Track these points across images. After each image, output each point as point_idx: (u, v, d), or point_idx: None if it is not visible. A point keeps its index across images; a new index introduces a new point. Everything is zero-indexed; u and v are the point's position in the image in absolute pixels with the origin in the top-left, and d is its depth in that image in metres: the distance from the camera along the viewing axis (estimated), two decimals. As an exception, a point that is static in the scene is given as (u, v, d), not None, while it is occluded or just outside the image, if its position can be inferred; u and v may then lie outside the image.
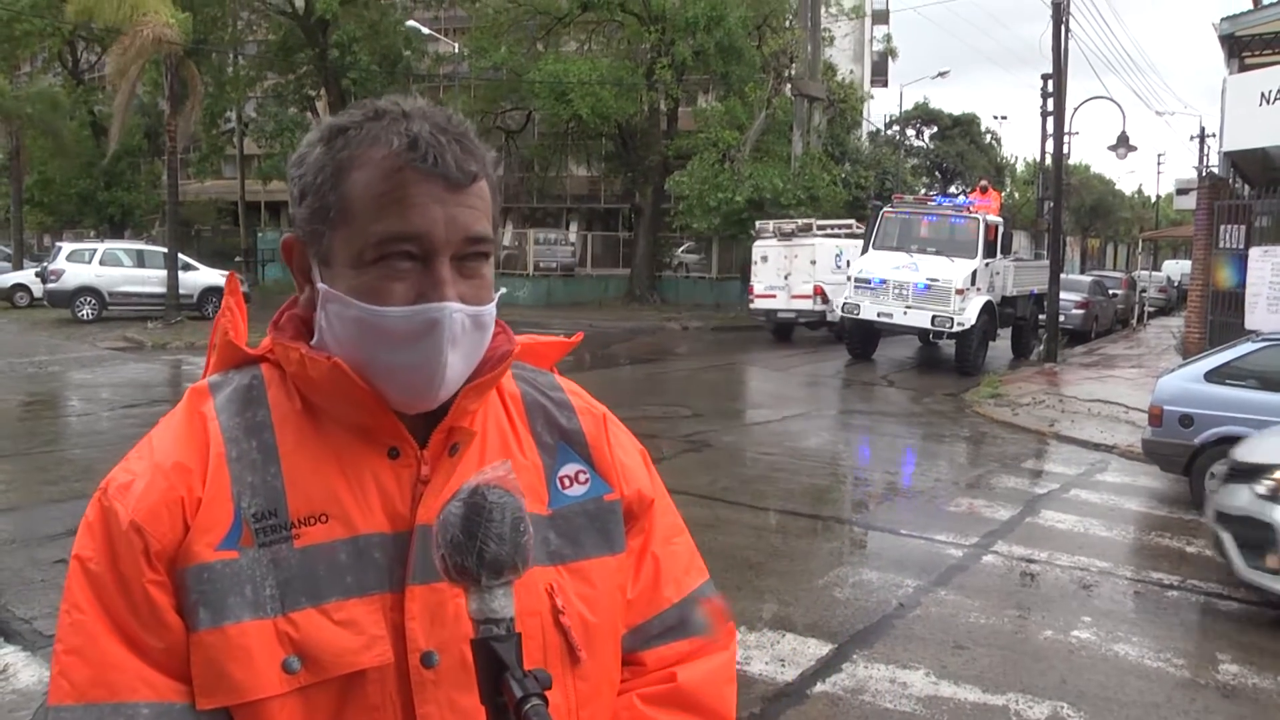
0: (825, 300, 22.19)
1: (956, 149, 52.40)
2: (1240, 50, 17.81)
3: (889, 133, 49.88)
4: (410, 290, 1.05)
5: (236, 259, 39.61)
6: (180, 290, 23.68)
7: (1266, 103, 14.69)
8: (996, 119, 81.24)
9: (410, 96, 1.13)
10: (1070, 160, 40.24)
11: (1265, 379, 8.74)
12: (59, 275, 24.49)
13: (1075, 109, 28.75)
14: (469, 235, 1.07)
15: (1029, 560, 7.21)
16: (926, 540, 7.66)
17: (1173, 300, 39.47)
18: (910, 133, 53.33)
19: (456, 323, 1.06)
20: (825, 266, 22.69)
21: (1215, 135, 25.96)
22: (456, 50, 33.64)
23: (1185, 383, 9.07)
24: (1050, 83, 26.02)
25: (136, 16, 21.35)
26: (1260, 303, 14.04)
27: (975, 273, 18.41)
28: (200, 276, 25.89)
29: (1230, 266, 15.39)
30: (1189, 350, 15.57)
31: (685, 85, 33.01)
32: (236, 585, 1.03)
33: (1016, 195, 57.84)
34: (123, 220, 36.55)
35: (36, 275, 27.15)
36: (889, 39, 50.61)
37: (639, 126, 33.81)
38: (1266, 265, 14.16)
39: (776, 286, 23.17)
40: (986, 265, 18.89)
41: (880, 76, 52.68)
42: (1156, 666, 5.39)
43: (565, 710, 1.14)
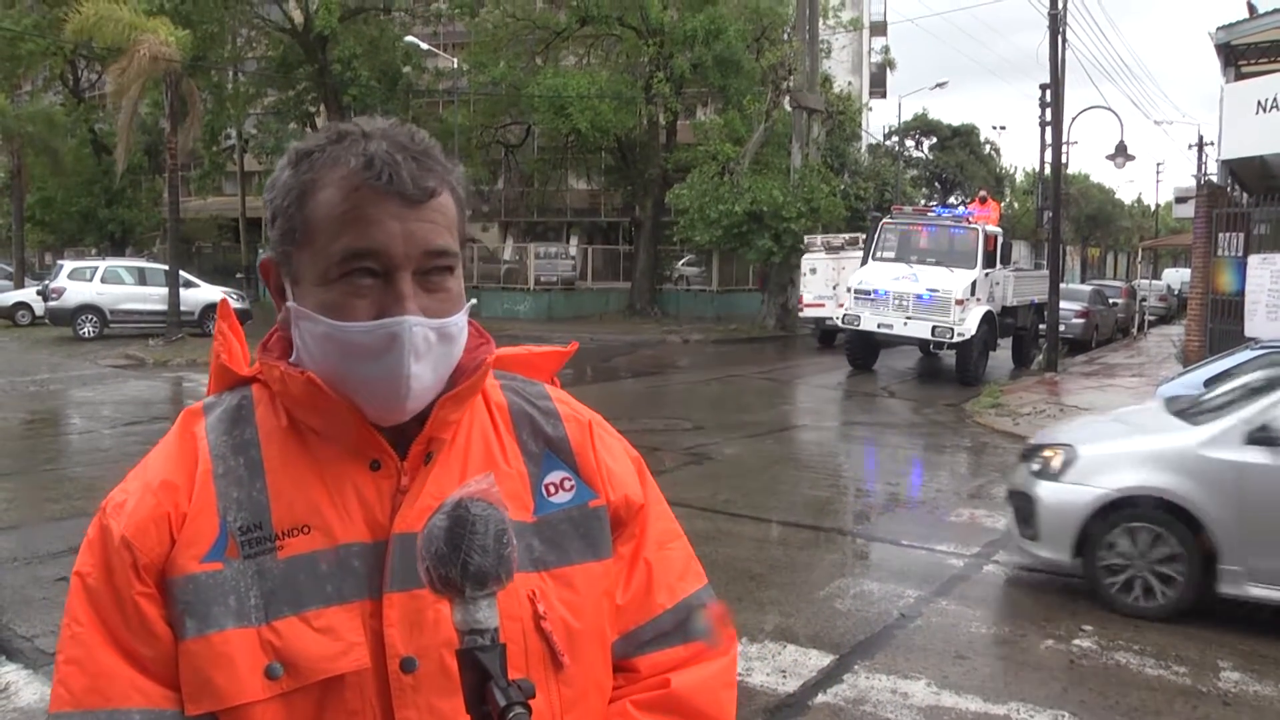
0: None
1: (955, 159, 52.53)
2: (1236, 59, 17.87)
3: (888, 144, 49.97)
4: (372, 306, 1.08)
5: (238, 275, 39.64)
6: (181, 307, 23.67)
7: (1263, 111, 14.73)
8: (995, 129, 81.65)
9: (373, 117, 1.16)
10: (1069, 170, 40.34)
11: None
12: (60, 293, 24.52)
13: (1073, 118, 28.87)
14: (428, 249, 1.09)
15: (1030, 569, 7.20)
16: (928, 550, 7.66)
17: (1173, 309, 39.44)
18: (909, 144, 53.47)
19: (418, 336, 1.08)
20: None
21: (1213, 144, 26.01)
22: (456, 65, 33.74)
23: (1185, 391, 9.07)
24: (1048, 92, 26.08)
25: (134, 35, 21.42)
26: (1259, 310, 14.06)
27: (975, 283, 18.42)
28: (201, 294, 25.92)
29: (1231, 270, 15.41)
30: (1189, 358, 15.59)
31: (684, 98, 33.13)
32: (221, 595, 1.07)
33: (1016, 205, 57.90)
34: (124, 238, 36.59)
35: (38, 293, 27.17)
36: (887, 50, 50.78)
37: (638, 140, 33.89)
38: (1265, 273, 14.19)
39: (825, 296, 23.78)
40: (986, 275, 18.90)
41: (879, 88, 52.77)
42: (1157, 675, 5.38)
43: (549, 716, 1.15)
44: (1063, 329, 22.06)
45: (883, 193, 35.96)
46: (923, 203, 32.85)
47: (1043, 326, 21.66)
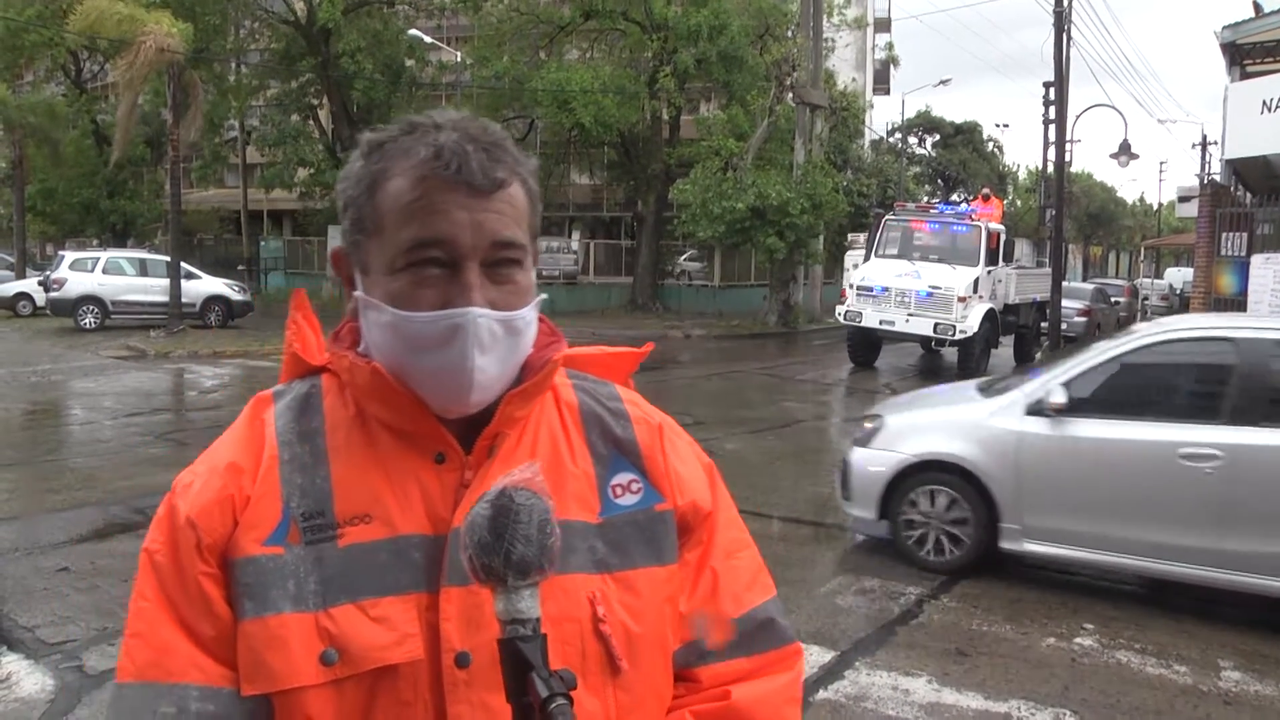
0: None
1: (959, 157, 52.49)
2: (1242, 58, 17.85)
3: (891, 140, 49.94)
4: (438, 296, 1.08)
5: (239, 268, 39.62)
6: (183, 299, 23.69)
7: (1268, 110, 14.71)
8: (998, 127, 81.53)
9: (446, 109, 1.17)
10: (1072, 168, 40.28)
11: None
12: (61, 284, 24.54)
13: (1077, 117, 28.84)
14: (496, 240, 1.09)
15: (1033, 566, 7.20)
16: (929, 548, 7.65)
17: (1175, 308, 39.42)
18: (912, 141, 53.41)
19: (482, 328, 1.08)
20: None
21: (1217, 143, 25.99)
22: (459, 59, 33.70)
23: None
24: (1052, 90, 26.04)
25: (138, 29, 21.40)
26: (1262, 310, 14.05)
27: (977, 280, 18.41)
28: (203, 285, 25.93)
29: (1232, 273, 15.40)
30: (1191, 357, 15.52)
31: (687, 93, 33.07)
32: (280, 579, 1.09)
33: (1019, 203, 57.86)
34: (125, 229, 36.60)
35: (39, 284, 27.21)
36: (891, 47, 50.67)
37: (641, 135, 33.85)
38: (1268, 272, 14.18)
39: None
40: (989, 273, 18.89)
41: (882, 84, 52.74)
42: (1159, 674, 5.38)
43: None
44: (1065, 327, 22.04)
45: (886, 189, 35.96)
46: (925, 200, 32.84)
47: (1045, 324, 21.66)
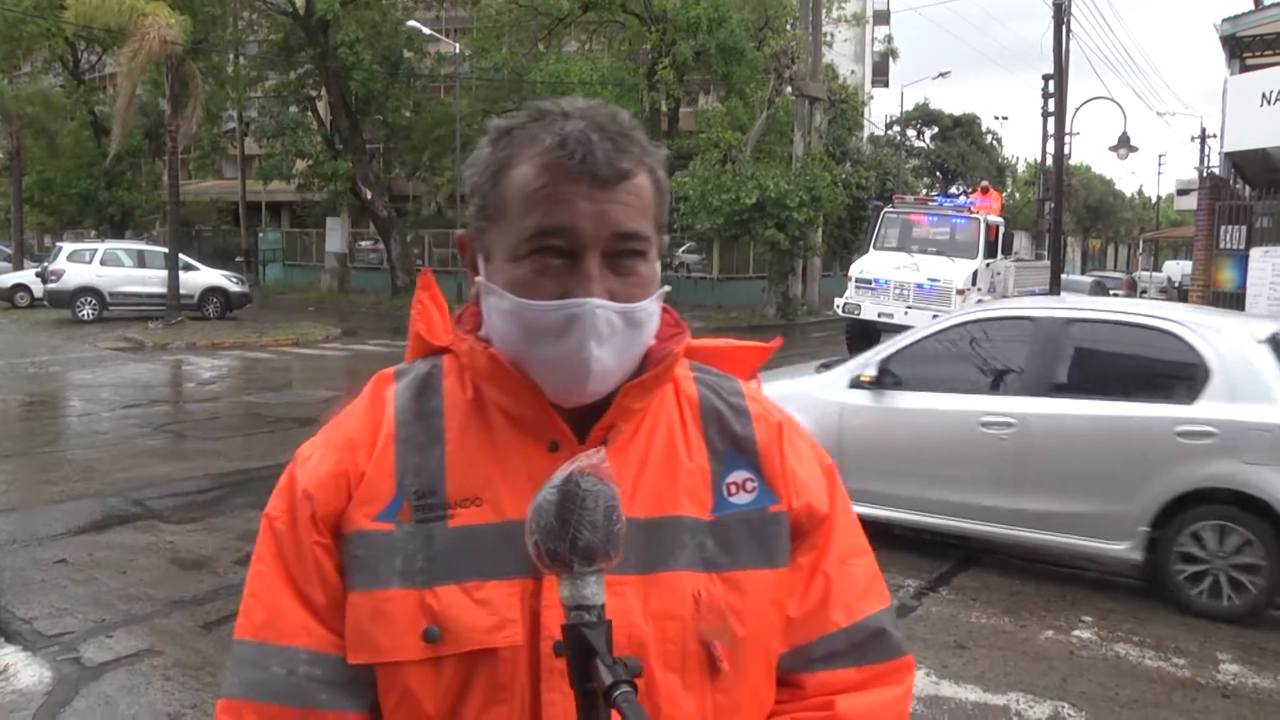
0: None
1: (957, 149, 52.45)
2: (1241, 51, 17.82)
3: (890, 133, 49.89)
4: (558, 285, 1.08)
5: (237, 259, 39.64)
6: (181, 290, 23.65)
7: (1267, 103, 14.68)
8: (997, 119, 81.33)
9: (578, 97, 1.16)
10: (1071, 161, 40.24)
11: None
12: (59, 275, 24.52)
13: (1076, 109, 28.81)
14: (618, 230, 1.08)
15: (1030, 560, 7.20)
16: (928, 539, 7.66)
17: (1173, 301, 39.47)
18: (911, 133, 53.37)
19: (600, 319, 1.07)
20: None
21: (1216, 136, 25.97)
22: (458, 51, 33.63)
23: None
24: (1051, 83, 26.02)
25: (136, 19, 21.35)
26: (1261, 303, 14.04)
27: (976, 273, 18.40)
28: (201, 277, 25.91)
29: (1232, 267, 15.38)
30: (1190, 351, 15.52)
31: (686, 86, 33.02)
32: (389, 555, 1.11)
33: (1017, 196, 57.86)
34: (123, 220, 36.58)
35: (37, 275, 27.17)
36: (890, 39, 50.60)
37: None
38: (1267, 266, 14.16)
39: None
40: (987, 266, 18.88)
41: (881, 77, 52.70)
42: (1157, 666, 5.38)
43: None
44: (1063, 320, 22.01)
45: (884, 182, 35.91)
46: (924, 192, 32.83)
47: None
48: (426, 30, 32.94)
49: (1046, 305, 7.71)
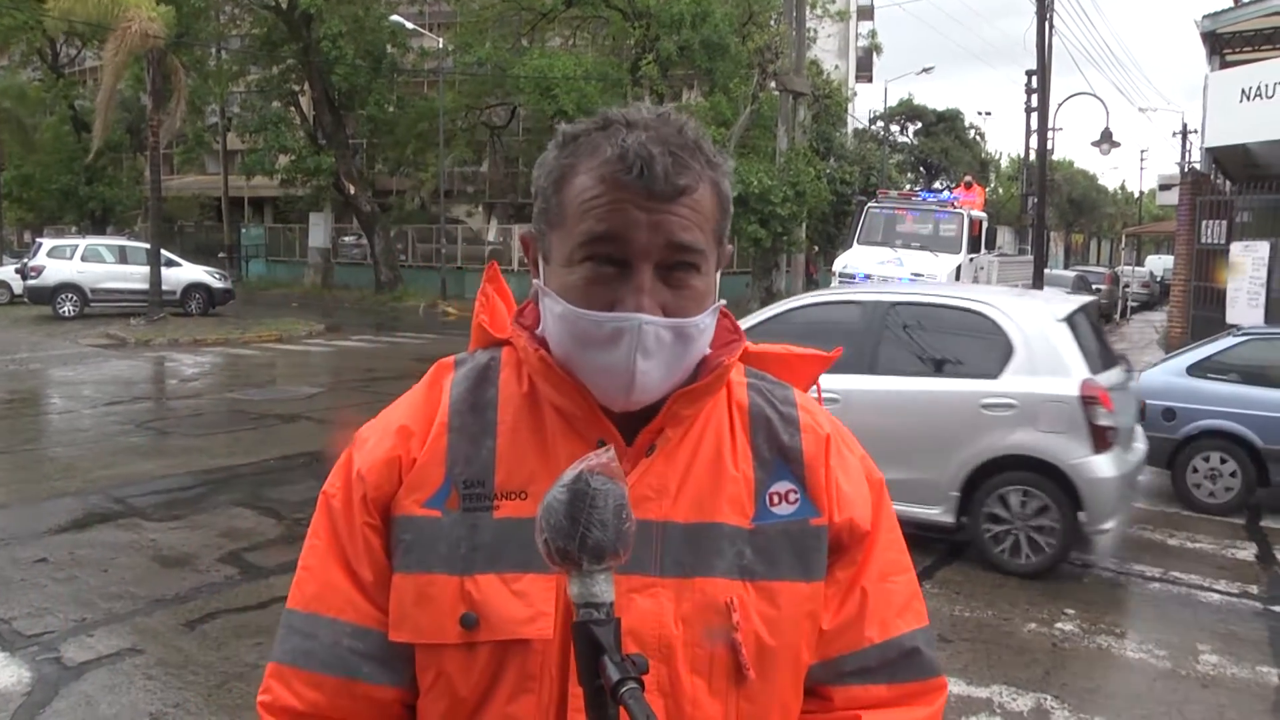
0: None
1: (941, 145, 52.50)
2: (1221, 47, 17.93)
3: (874, 128, 49.95)
4: (609, 294, 1.09)
5: (220, 255, 39.44)
6: (163, 286, 23.49)
7: (1247, 99, 14.79)
8: (981, 115, 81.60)
9: (645, 105, 1.17)
10: (1054, 156, 40.38)
11: (1246, 373, 8.81)
12: (39, 272, 24.33)
13: (1059, 105, 28.90)
14: (672, 242, 1.09)
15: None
16: (912, 533, 7.67)
17: (1155, 295, 39.63)
18: (895, 128, 53.41)
19: (648, 335, 1.08)
20: None
21: (1197, 131, 26.09)
22: (441, 45, 33.50)
23: (1168, 377, 9.12)
24: (1034, 78, 26.10)
25: (117, 12, 21.18)
26: (1241, 297, 14.15)
27: (960, 268, 18.46)
28: (183, 273, 25.76)
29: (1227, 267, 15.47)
30: (1172, 345, 15.67)
31: (670, 81, 32.95)
32: (434, 541, 1.14)
33: (1001, 191, 58.04)
34: (104, 216, 36.33)
35: (16, 272, 26.98)
36: (874, 35, 50.59)
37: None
38: (1247, 260, 14.26)
39: None
40: (971, 260, 18.95)
41: (865, 72, 52.73)
42: (1138, 658, 5.42)
43: None
44: (1046, 315, 22.10)
45: (868, 177, 35.95)
46: (908, 187, 32.87)
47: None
48: (410, 25, 32.80)
49: (873, 290, 8.20)
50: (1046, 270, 22.40)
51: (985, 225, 19.70)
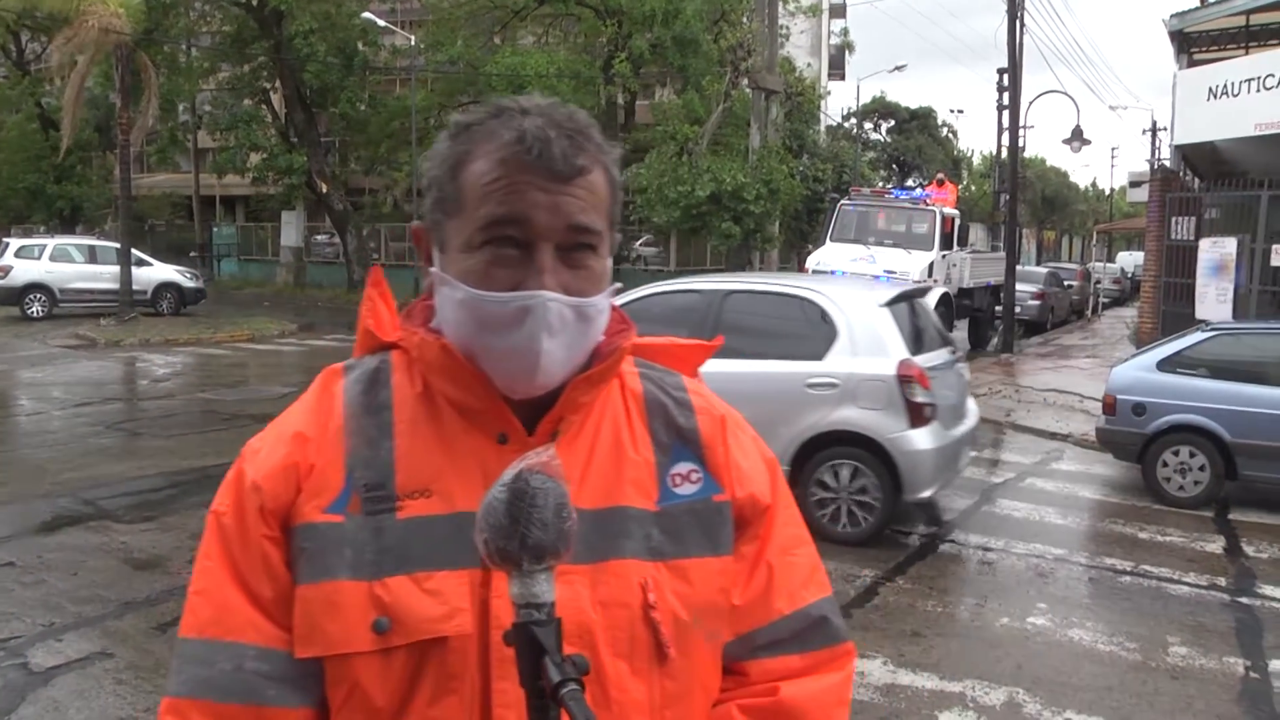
0: None
1: (914, 142, 52.76)
2: (1189, 46, 18.12)
3: (847, 126, 50.11)
4: (511, 276, 1.10)
5: (191, 254, 39.06)
6: (134, 286, 23.18)
7: (1214, 98, 14.95)
8: (953, 113, 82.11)
9: (537, 95, 1.18)
10: (1026, 153, 40.66)
11: (1215, 367, 8.90)
12: (6, 272, 23.98)
13: (1030, 102, 29.03)
14: (572, 224, 1.10)
15: (985, 549, 7.29)
16: (885, 533, 7.72)
17: (1126, 291, 40.01)
18: (868, 126, 53.62)
19: (553, 312, 1.09)
20: None
21: (1167, 129, 26.33)
22: (413, 43, 33.34)
23: (1138, 372, 9.21)
24: (1005, 77, 26.24)
25: (82, 5, 20.90)
26: (1210, 293, 14.29)
27: (932, 264, 18.54)
28: (154, 272, 25.51)
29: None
30: (1142, 340, 15.83)
31: (643, 79, 32.93)
32: (338, 547, 1.11)
33: (973, 188, 58.32)
34: (73, 215, 35.93)
35: (-17, 272, 26.61)
36: (846, 33, 50.71)
37: (597, 120, 33.30)
38: (1215, 256, 14.41)
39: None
40: (943, 257, 19.03)
41: (838, 70, 52.82)
42: (1109, 651, 5.47)
43: (649, 707, 1.15)
44: (1019, 311, 22.29)
45: (841, 175, 36.03)
46: (881, 185, 33.01)
47: (999, 308, 21.87)
48: (381, 22, 32.60)
49: (711, 280, 8.74)
50: (1019, 267, 22.52)
51: (958, 222, 19.81)
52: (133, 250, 23.81)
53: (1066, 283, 31.36)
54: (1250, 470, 8.51)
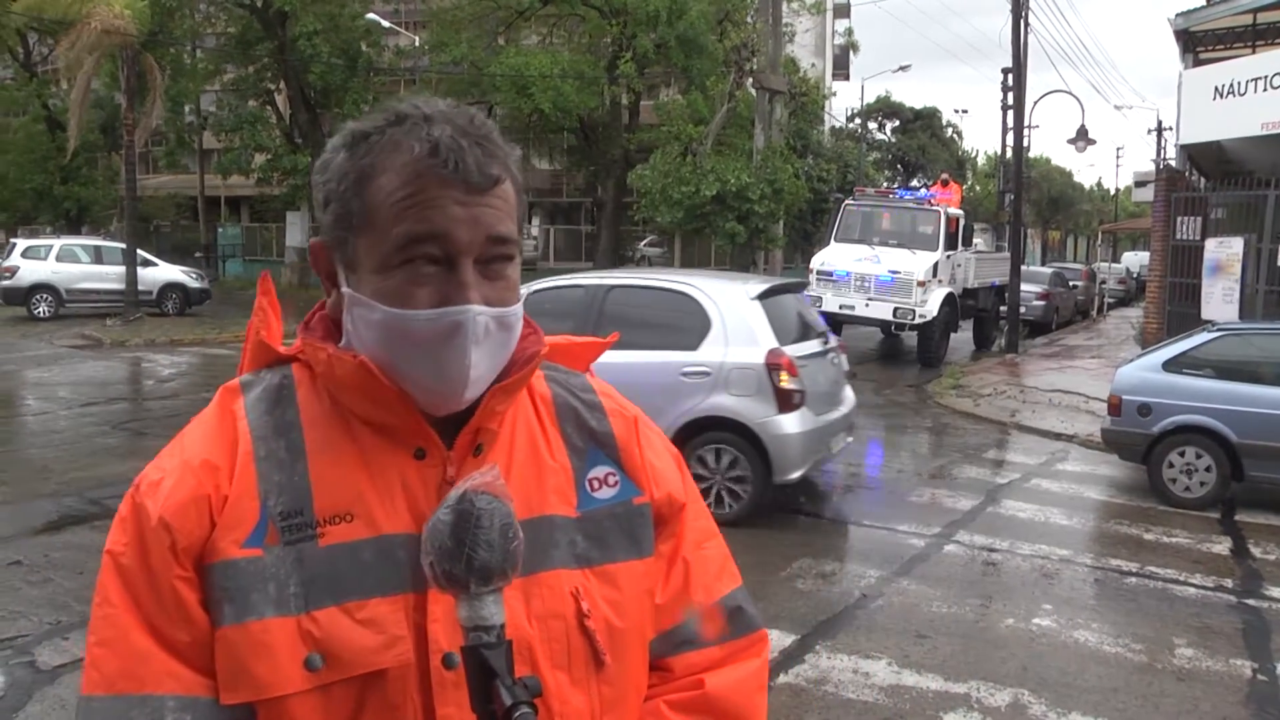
0: None
1: (918, 142, 52.72)
2: (1195, 45, 18.08)
3: (851, 126, 50.08)
4: (434, 293, 1.06)
5: (196, 254, 39.12)
6: (139, 286, 23.26)
7: (1220, 97, 14.90)
8: (957, 112, 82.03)
9: (431, 97, 1.13)
10: (1030, 153, 40.61)
11: (1221, 368, 8.88)
12: (13, 272, 24.05)
13: (1035, 102, 29.00)
14: (491, 235, 1.07)
15: (990, 549, 7.28)
16: (889, 530, 7.72)
17: (1131, 291, 39.91)
18: (872, 126, 53.58)
19: (480, 325, 1.06)
20: None
21: (1172, 129, 26.28)
22: (417, 44, 33.37)
23: (1143, 372, 9.19)
24: (1010, 76, 26.22)
25: (87, 7, 20.93)
26: (1216, 293, 14.25)
27: (937, 265, 18.52)
28: (160, 273, 25.54)
29: None
30: (1147, 340, 15.78)
31: (647, 79, 32.94)
32: (260, 582, 1.04)
33: (978, 188, 58.24)
34: (80, 216, 35.93)
35: (-9, 272, 26.66)
36: (850, 32, 50.80)
37: (601, 120, 33.69)
38: (1221, 256, 14.37)
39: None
40: (948, 257, 19.01)
41: (842, 70, 52.82)
42: (1115, 652, 5.46)
43: (589, 715, 1.14)
44: (1023, 311, 22.25)
45: (845, 175, 36.04)
46: (885, 185, 32.99)
47: (1004, 308, 21.83)
48: (385, 23, 32.64)
49: (594, 276, 9.11)
50: (1024, 267, 22.48)
51: (962, 222, 19.78)
52: (138, 251, 23.86)
53: (1071, 283, 31.30)
54: (1257, 471, 8.49)
